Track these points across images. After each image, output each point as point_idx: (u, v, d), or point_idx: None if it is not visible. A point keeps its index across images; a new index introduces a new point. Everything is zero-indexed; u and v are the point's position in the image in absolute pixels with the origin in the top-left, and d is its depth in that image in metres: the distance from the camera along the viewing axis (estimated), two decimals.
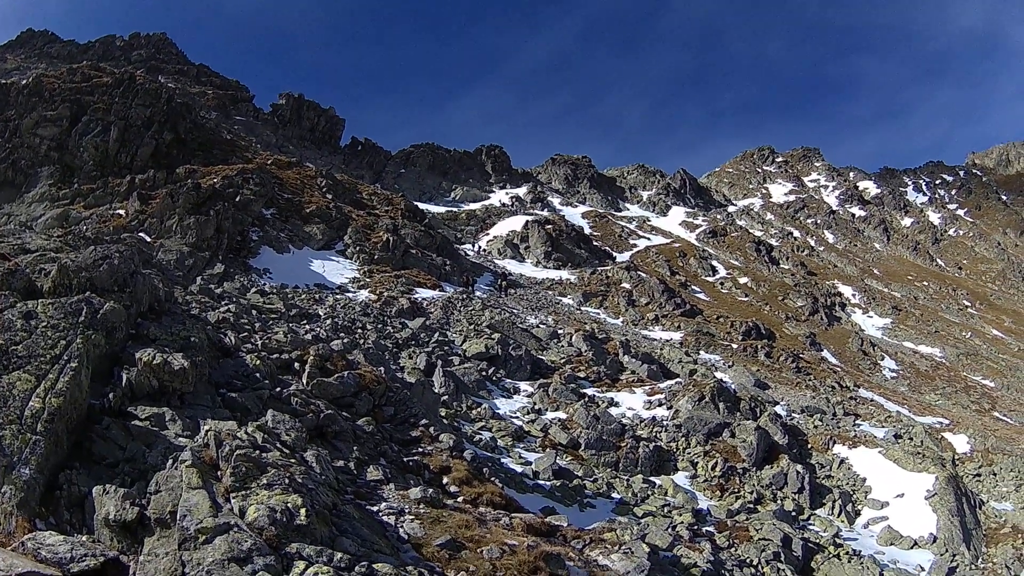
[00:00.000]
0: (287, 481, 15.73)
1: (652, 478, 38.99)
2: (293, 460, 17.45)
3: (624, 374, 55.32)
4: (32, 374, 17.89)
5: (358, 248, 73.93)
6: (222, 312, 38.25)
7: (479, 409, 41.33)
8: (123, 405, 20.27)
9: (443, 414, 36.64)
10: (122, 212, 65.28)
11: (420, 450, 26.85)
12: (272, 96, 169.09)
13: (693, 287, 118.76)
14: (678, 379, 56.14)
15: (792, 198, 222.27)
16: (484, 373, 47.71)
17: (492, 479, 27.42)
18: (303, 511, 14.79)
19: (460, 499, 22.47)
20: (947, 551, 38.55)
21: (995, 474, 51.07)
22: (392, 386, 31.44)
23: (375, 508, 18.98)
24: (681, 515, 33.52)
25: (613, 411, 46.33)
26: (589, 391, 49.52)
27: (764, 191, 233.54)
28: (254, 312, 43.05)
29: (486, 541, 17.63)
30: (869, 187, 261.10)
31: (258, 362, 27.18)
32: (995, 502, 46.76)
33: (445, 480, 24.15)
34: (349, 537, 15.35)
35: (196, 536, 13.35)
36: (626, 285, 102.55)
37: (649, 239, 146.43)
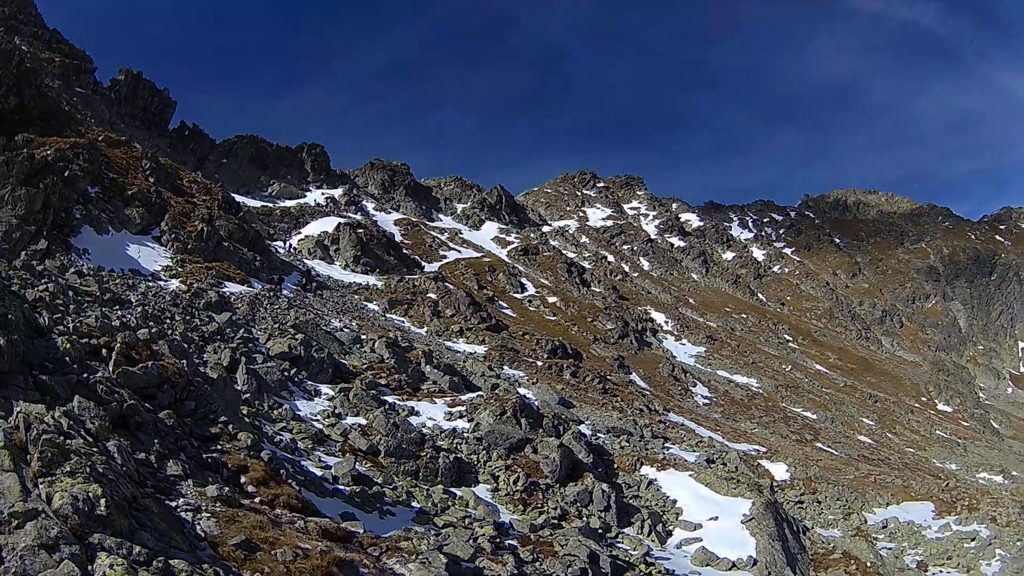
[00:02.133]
0: (89, 470, 15.56)
1: (453, 489, 39.33)
2: (96, 449, 17.22)
3: (426, 384, 55.80)
4: None
5: (173, 236, 72.60)
6: (39, 291, 37.92)
7: (280, 410, 41.18)
8: None
9: (245, 412, 36.54)
10: None
11: (219, 447, 26.97)
12: (113, 70, 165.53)
13: (500, 302, 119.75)
14: (480, 392, 57.06)
15: (610, 223, 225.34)
16: (287, 373, 47.52)
17: (290, 481, 27.76)
18: (103, 501, 14.68)
19: (257, 499, 22.66)
20: (770, 573, 39.38)
21: (820, 502, 52.72)
22: (194, 380, 31.40)
23: (174, 503, 18.94)
24: (483, 527, 33.55)
25: (413, 420, 46.92)
26: (390, 398, 49.85)
27: (582, 214, 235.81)
28: (70, 293, 42.55)
29: (280, 543, 17.95)
30: (692, 219, 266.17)
31: (68, 346, 26.72)
32: (821, 529, 48.24)
33: (243, 479, 24.34)
34: (148, 531, 15.29)
35: (9, 520, 13.28)
36: (433, 295, 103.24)
37: (460, 252, 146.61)
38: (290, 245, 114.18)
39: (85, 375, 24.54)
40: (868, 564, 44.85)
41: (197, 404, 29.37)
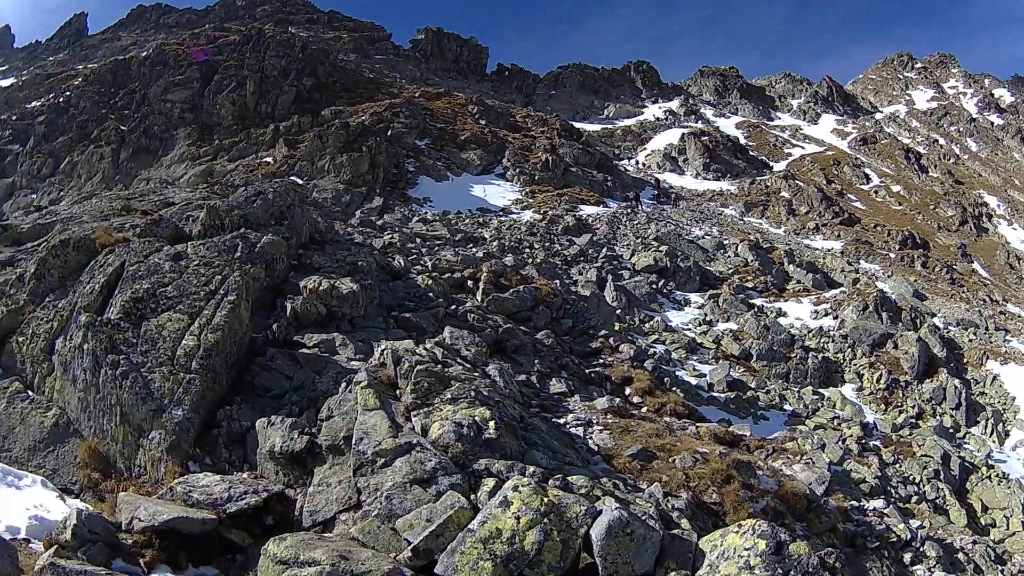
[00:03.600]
0: (472, 394, 14.86)
1: (821, 390, 38.37)
2: (476, 374, 16.60)
3: (790, 284, 54.43)
4: (184, 313, 17.29)
5: (518, 170, 73.90)
6: (387, 239, 37.86)
7: (652, 322, 40.56)
8: (288, 335, 19.73)
9: (616, 328, 35.90)
10: (269, 160, 65.04)
11: (601, 362, 26.35)
12: (408, 33, 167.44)
13: (849, 195, 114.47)
14: (842, 288, 54.95)
15: (934, 105, 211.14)
16: (654, 286, 46.81)
17: (673, 388, 26.87)
18: (492, 424, 13.93)
19: (644, 409, 21.98)
20: None
21: None
22: (568, 299, 30.93)
23: (562, 420, 18.41)
24: (850, 428, 32.80)
25: (782, 321, 45.67)
26: (758, 301, 48.66)
27: (907, 98, 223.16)
28: (418, 240, 42.08)
29: (677, 449, 17.43)
30: (1003, 95, 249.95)
31: (430, 282, 26.54)
32: None
33: (628, 391, 23.65)
34: (539, 450, 14.68)
35: (374, 460, 12.70)
36: (785, 194, 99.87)
37: (803, 148, 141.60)
38: (637, 162, 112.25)
39: (453, 307, 24.46)
40: None
41: (574, 321, 29.03)
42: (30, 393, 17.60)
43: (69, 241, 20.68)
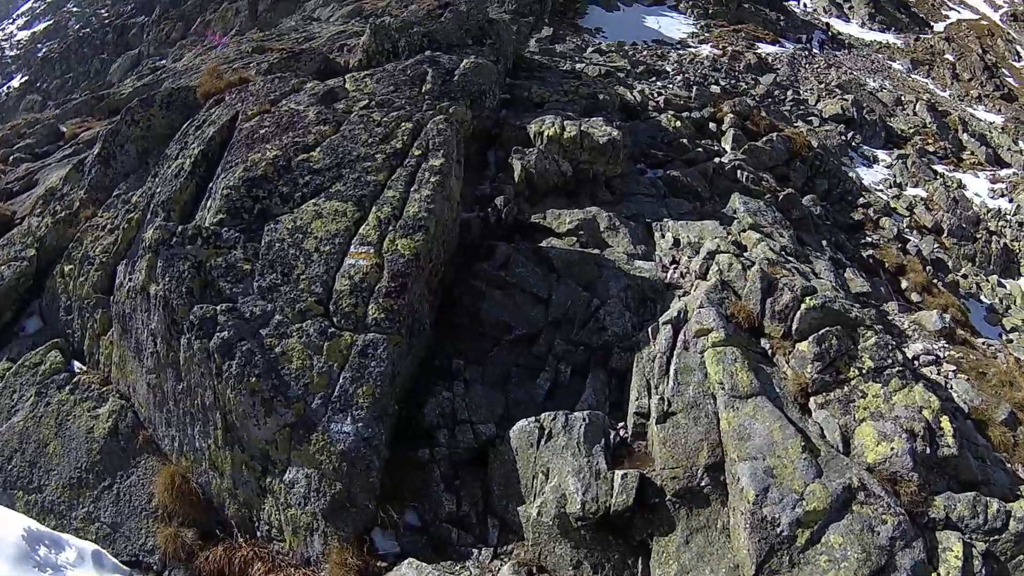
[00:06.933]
0: (901, 359, 8.56)
1: (1003, 281, 34.23)
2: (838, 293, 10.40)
3: (965, 153, 49.93)
4: (347, 198, 9.39)
5: (691, 2, 67.74)
6: (600, 68, 33.50)
7: (846, 182, 36.03)
8: (519, 213, 12.20)
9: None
10: None
11: (868, 241, 22.50)
12: None
13: (1002, 70, 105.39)
14: (1013, 169, 49.78)
15: None
16: (843, 137, 42.27)
17: (937, 284, 22.77)
18: (947, 424, 7.52)
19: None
20: None
21: None
22: (818, 153, 27.04)
23: (910, 353, 12.61)
24: None
25: (964, 195, 41.23)
26: (939, 168, 44.18)
27: None
28: (597, 70, 37.03)
29: None
30: None
31: (678, 124, 20.69)
32: None
33: (904, 284, 20.08)
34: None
35: (792, 535, 6.06)
36: (949, 57, 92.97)
37: (958, 11, 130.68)
38: (803, 3, 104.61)
39: (716, 160, 18.46)
40: None
41: (829, 183, 25.09)
42: (76, 366, 10.31)
43: (154, 98, 13.40)
